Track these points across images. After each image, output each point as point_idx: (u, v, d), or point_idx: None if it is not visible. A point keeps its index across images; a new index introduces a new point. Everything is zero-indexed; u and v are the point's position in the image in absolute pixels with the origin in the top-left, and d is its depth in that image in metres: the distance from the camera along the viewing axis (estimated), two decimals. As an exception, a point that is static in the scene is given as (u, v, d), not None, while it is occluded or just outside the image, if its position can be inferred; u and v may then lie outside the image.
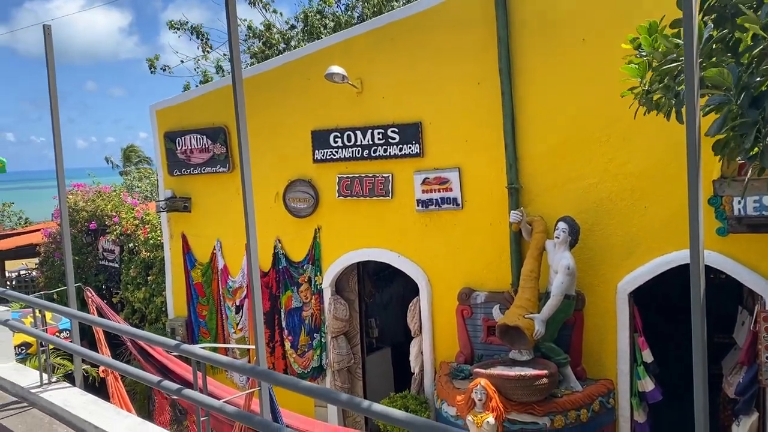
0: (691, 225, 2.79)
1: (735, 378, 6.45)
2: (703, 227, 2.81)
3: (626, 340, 6.82)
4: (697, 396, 2.73)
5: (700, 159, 2.68)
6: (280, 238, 9.04)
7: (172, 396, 4.47)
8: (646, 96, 3.40)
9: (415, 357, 8.18)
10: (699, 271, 2.78)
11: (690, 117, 2.57)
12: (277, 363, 9.12)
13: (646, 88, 3.36)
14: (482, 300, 7.50)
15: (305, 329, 8.81)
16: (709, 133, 3.09)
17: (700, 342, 2.72)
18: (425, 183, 7.83)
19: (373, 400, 3.59)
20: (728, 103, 2.98)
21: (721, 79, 2.85)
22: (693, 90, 2.51)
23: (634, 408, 6.80)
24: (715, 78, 2.87)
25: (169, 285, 10.39)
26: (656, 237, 6.63)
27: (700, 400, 2.71)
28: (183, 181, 9.95)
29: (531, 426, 6.17)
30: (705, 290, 2.81)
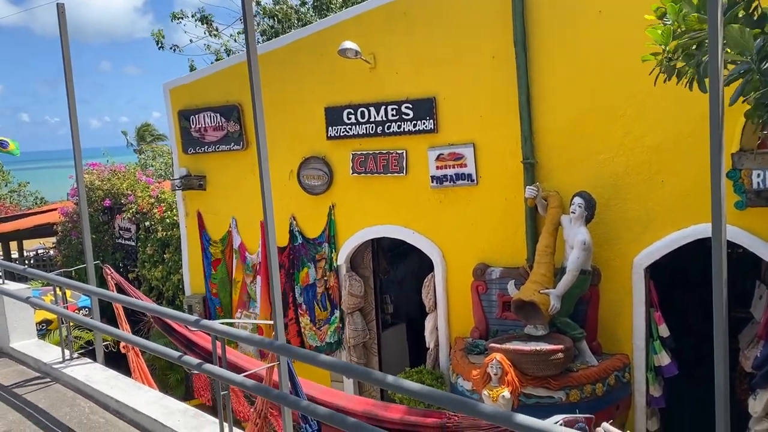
0: (713, 196, 2.76)
1: (752, 352, 6.43)
2: (725, 198, 2.78)
3: (642, 314, 6.80)
4: (717, 372, 2.72)
5: (722, 127, 2.64)
6: (295, 216, 9.07)
7: (193, 371, 4.54)
8: (668, 63, 3.35)
9: (430, 332, 8.22)
10: (721, 245, 2.76)
11: (713, 84, 2.54)
12: (293, 341, 9.19)
13: (668, 57, 3.31)
14: (497, 275, 7.50)
15: (321, 305, 8.86)
16: (732, 99, 3.05)
17: (722, 317, 2.71)
18: (439, 159, 7.80)
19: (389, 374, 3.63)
20: (751, 71, 2.93)
21: (743, 41, 2.81)
22: (717, 56, 2.47)
23: (650, 382, 6.82)
24: (736, 39, 2.82)
25: (186, 263, 10.48)
26: (673, 211, 6.58)
27: (720, 376, 2.70)
28: (197, 160, 9.98)
29: (546, 400, 6.21)
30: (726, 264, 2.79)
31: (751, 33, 2.87)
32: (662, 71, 3.45)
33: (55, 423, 5.28)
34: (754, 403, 6.31)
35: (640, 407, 6.89)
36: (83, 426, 5.21)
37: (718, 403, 2.74)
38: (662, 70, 3.43)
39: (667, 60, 3.33)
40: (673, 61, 3.34)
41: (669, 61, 3.33)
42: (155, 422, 5.01)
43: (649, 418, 6.92)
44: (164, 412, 5.14)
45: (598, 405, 6.18)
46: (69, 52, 6.17)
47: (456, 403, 3.10)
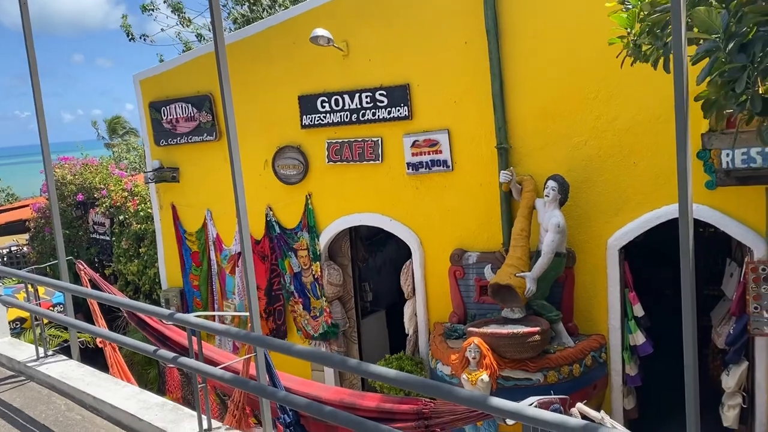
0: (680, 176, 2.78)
1: (724, 329, 6.56)
2: (691, 178, 2.81)
3: (617, 295, 6.89)
4: (686, 349, 2.76)
5: (687, 107, 2.66)
6: (272, 206, 9.01)
7: (169, 365, 4.50)
8: (634, 46, 3.36)
9: (409, 319, 8.25)
10: (688, 224, 2.79)
11: (677, 63, 2.55)
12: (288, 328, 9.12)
13: (634, 39, 3.33)
14: (474, 260, 7.54)
15: (313, 294, 8.81)
16: (699, 79, 3.07)
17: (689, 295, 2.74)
18: (415, 146, 7.79)
19: (369, 362, 3.63)
20: (717, 50, 2.95)
21: (709, 20, 2.82)
22: (680, 36, 2.48)
23: (626, 361, 6.92)
24: (703, 19, 2.84)
25: (162, 256, 10.38)
26: (646, 192, 6.66)
27: (689, 353, 2.74)
28: (170, 151, 9.86)
29: (524, 382, 6.28)
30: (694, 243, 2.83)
31: (718, 12, 2.88)
32: (629, 54, 3.47)
33: (31, 422, 5.21)
34: (727, 379, 6.44)
35: (617, 386, 6.99)
36: (59, 424, 5.15)
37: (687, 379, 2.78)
38: (629, 53, 3.44)
39: (633, 42, 3.34)
40: (639, 43, 3.35)
41: (635, 43, 3.34)
42: (133, 417, 4.96)
43: (626, 397, 7.04)
44: (142, 407, 5.10)
45: (576, 385, 6.27)
46: (33, 44, 6.03)
47: (431, 388, 3.11)
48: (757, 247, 6.20)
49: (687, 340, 2.71)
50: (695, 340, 2.77)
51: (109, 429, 5.03)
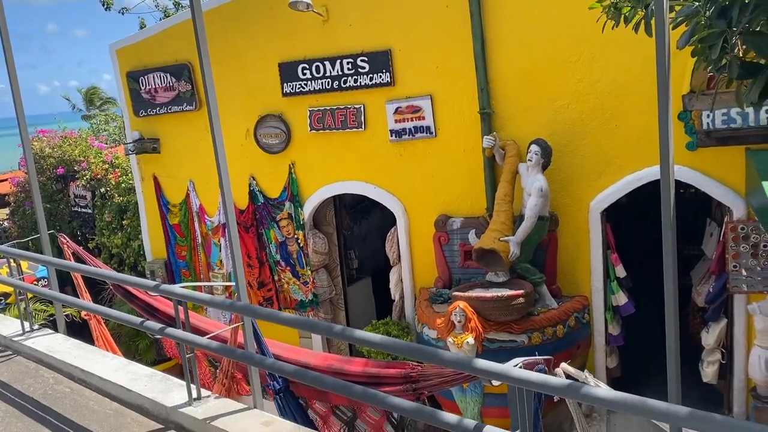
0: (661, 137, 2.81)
1: (704, 287, 6.69)
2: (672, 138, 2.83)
3: (599, 257, 6.99)
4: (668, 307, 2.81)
5: (669, 69, 2.67)
6: (255, 176, 8.95)
7: (156, 335, 4.52)
8: (615, 9, 3.34)
9: (395, 285, 8.32)
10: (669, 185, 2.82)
11: (659, 27, 2.55)
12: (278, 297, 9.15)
13: (614, 2, 3.31)
14: (458, 226, 7.58)
15: (299, 263, 8.82)
16: (679, 44, 3.07)
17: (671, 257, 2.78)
18: (398, 112, 7.74)
19: (355, 328, 3.67)
20: (697, 14, 2.95)
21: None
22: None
23: (609, 322, 7.05)
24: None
25: (145, 228, 10.31)
26: (628, 154, 6.70)
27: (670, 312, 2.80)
28: (150, 122, 9.72)
29: (509, 344, 6.38)
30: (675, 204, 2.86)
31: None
32: (609, 17, 3.45)
33: (19, 395, 5.22)
34: (707, 336, 6.60)
35: (600, 346, 7.14)
36: (48, 397, 5.17)
37: (668, 337, 2.84)
38: (609, 16, 3.42)
39: (614, 6, 3.32)
40: (619, 6, 3.33)
41: (615, 6, 3.32)
42: (122, 388, 5.00)
43: (609, 356, 7.19)
44: (131, 378, 5.13)
45: (560, 346, 6.38)
46: (3, 14, 5.87)
47: (417, 352, 3.16)
48: (736, 207, 6.29)
49: (668, 299, 2.76)
50: (677, 300, 2.83)
51: (99, 401, 5.06)
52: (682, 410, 2.44)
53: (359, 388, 3.28)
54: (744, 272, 6.21)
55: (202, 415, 4.37)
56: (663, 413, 2.49)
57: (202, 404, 4.52)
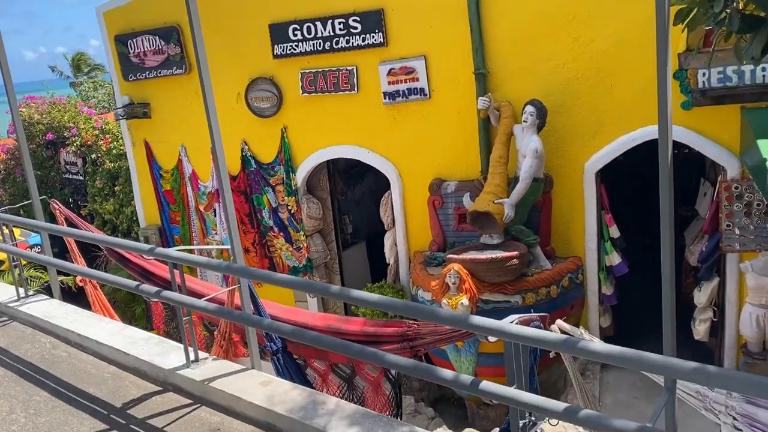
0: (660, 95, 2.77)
1: (697, 247, 6.74)
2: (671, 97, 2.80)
3: (593, 218, 7.01)
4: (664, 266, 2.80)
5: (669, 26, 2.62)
6: (247, 140, 8.87)
7: (153, 299, 4.52)
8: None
9: (390, 249, 8.34)
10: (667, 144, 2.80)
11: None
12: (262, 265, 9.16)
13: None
14: (453, 189, 7.57)
15: (293, 227, 8.81)
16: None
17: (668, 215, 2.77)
18: (391, 74, 7.65)
19: (350, 288, 3.67)
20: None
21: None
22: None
23: (602, 282, 7.11)
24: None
25: (138, 194, 10.25)
26: (622, 115, 6.66)
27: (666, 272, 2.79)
28: (139, 86, 9.58)
29: (503, 304, 6.43)
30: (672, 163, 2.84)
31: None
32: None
33: (17, 360, 5.23)
34: (699, 295, 6.67)
35: (593, 306, 7.21)
36: (46, 361, 5.18)
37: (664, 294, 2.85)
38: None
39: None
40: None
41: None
42: (119, 352, 5.01)
43: (602, 316, 7.26)
44: (128, 342, 5.14)
45: (553, 306, 6.43)
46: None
47: (414, 310, 3.17)
48: (730, 166, 6.29)
49: (665, 258, 2.76)
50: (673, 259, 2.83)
51: (96, 364, 5.08)
52: (678, 362, 2.47)
53: (357, 346, 3.30)
54: (737, 231, 6.24)
55: (200, 377, 4.40)
56: (659, 366, 2.52)
57: (199, 366, 4.54)
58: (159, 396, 4.49)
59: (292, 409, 3.90)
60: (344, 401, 4.03)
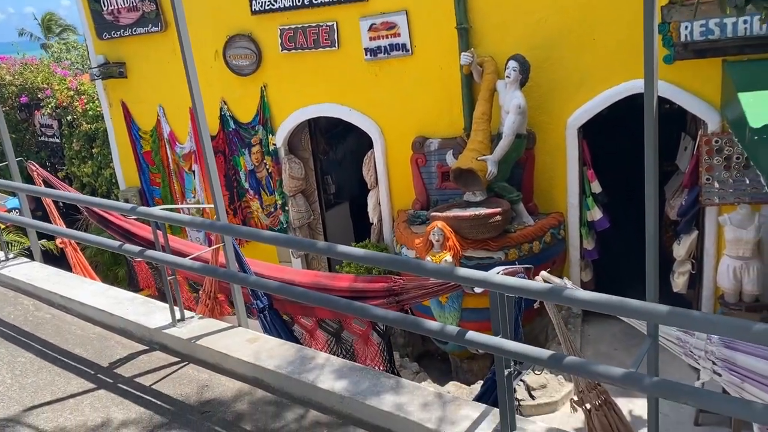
0: (646, 49, 2.76)
1: (677, 201, 6.82)
2: (657, 49, 2.79)
3: (576, 173, 7.04)
4: (648, 217, 2.82)
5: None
6: (226, 99, 8.72)
7: (136, 258, 4.49)
8: None
9: (373, 208, 8.33)
10: (653, 97, 2.79)
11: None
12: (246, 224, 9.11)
13: None
14: (436, 147, 7.54)
15: (267, 190, 8.77)
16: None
17: (652, 170, 2.77)
18: (372, 29, 7.52)
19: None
20: None
21: None
22: None
23: (584, 237, 7.19)
24: None
25: (116, 156, 10.09)
26: (605, 69, 6.64)
27: (650, 228, 2.81)
28: (114, 45, 9.33)
29: (486, 260, 6.48)
30: (658, 117, 2.84)
31: None
32: None
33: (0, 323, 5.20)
34: (678, 248, 6.78)
35: (575, 260, 7.30)
36: (29, 323, 5.14)
37: (648, 244, 2.88)
38: None
39: None
40: None
41: None
42: (103, 312, 4.98)
43: (583, 270, 7.37)
44: (112, 302, 5.11)
45: (536, 261, 6.49)
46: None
47: (400, 263, 3.19)
48: (711, 120, 6.33)
49: (649, 202, 2.78)
50: (657, 203, 2.85)
51: (81, 325, 5.06)
52: (660, 307, 2.51)
53: (344, 301, 3.32)
54: (716, 184, 6.32)
55: (187, 335, 4.40)
56: (642, 311, 2.56)
57: (186, 325, 4.54)
58: (146, 355, 4.50)
59: (279, 364, 3.93)
60: (331, 356, 4.07)
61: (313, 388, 3.68)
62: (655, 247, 2.79)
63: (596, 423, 3.42)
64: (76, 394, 4.07)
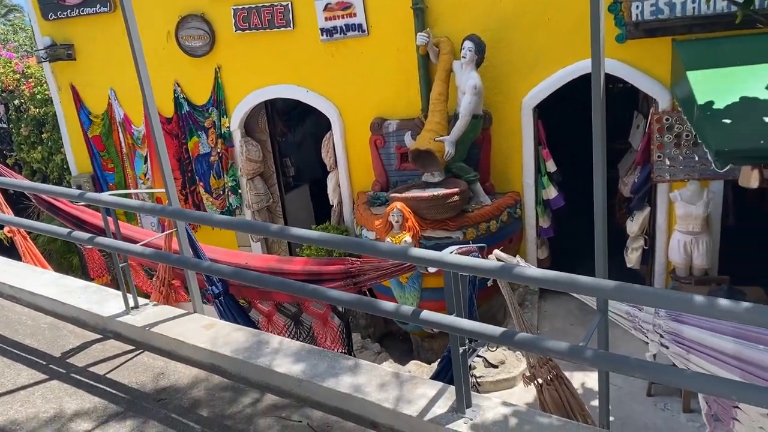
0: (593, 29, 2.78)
1: (630, 178, 6.96)
2: (604, 29, 2.81)
3: (531, 153, 7.12)
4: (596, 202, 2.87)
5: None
6: (179, 81, 8.53)
7: (86, 245, 4.38)
8: None
9: (333, 190, 8.30)
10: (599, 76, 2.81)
11: None
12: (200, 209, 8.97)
13: None
14: (394, 128, 7.53)
15: (215, 173, 8.64)
16: None
17: (600, 145, 2.81)
18: (327, 9, 7.43)
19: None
20: None
21: None
22: None
23: (539, 215, 7.29)
24: None
25: (67, 141, 9.80)
26: (559, 49, 6.70)
27: (599, 206, 2.85)
28: (61, 26, 9.01)
29: (445, 240, 6.52)
30: (605, 93, 2.87)
31: None
32: None
33: (-55, 315, 5.02)
34: (631, 224, 6.93)
35: (531, 239, 7.41)
36: (-23, 315, 4.99)
37: (596, 221, 2.93)
38: None
39: None
40: None
41: None
42: (55, 302, 4.86)
43: (539, 248, 7.49)
44: (64, 291, 4.99)
45: (493, 240, 6.57)
46: None
47: (354, 245, 3.17)
48: (662, 99, 6.46)
49: (597, 191, 2.82)
50: (605, 181, 2.89)
51: (32, 316, 4.93)
52: (608, 283, 2.57)
53: (298, 283, 3.30)
54: (667, 162, 6.47)
55: (141, 323, 4.33)
56: (590, 287, 2.61)
57: (140, 312, 4.47)
58: (99, 344, 4.41)
59: (236, 349, 3.90)
60: (289, 339, 4.06)
61: (270, 373, 3.67)
62: (604, 225, 2.84)
63: (547, 397, 3.50)
64: (27, 385, 3.97)
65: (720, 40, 5.97)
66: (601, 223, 2.89)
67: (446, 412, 3.14)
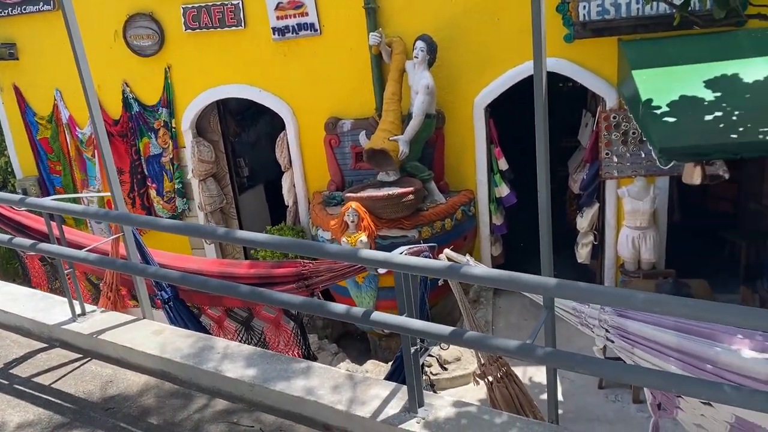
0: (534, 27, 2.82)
1: (579, 175, 7.10)
2: (545, 28, 2.86)
3: (483, 151, 7.21)
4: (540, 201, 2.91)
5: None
6: (128, 81, 8.33)
7: (29, 252, 4.24)
8: None
9: (288, 190, 8.23)
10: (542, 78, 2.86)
11: None
12: (143, 213, 8.78)
13: None
14: (348, 128, 7.51)
15: (168, 175, 8.48)
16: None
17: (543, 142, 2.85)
18: (279, 8, 7.37)
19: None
20: None
21: None
22: None
23: (493, 213, 7.38)
24: None
25: (11, 143, 9.47)
26: (509, 49, 6.79)
27: (543, 205, 2.90)
28: (2, 25, 8.70)
29: (401, 239, 6.54)
30: (550, 97, 2.92)
31: None
32: None
33: None
34: (581, 220, 7.08)
35: (485, 236, 7.50)
36: None
37: (541, 221, 2.98)
38: None
39: None
40: None
41: None
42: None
43: (493, 245, 7.58)
44: (7, 299, 4.84)
45: (448, 238, 6.63)
46: None
47: (301, 247, 3.16)
48: (609, 97, 6.61)
49: (541, 181, 2.87)
50: (548, 182, 2.94)
51: (-26, 326, 4.76)
52: (551, 281, 2.62)
53: (246, 287, 3.26)
54: (615, 159, 6.62)
55: (89, 330, 4.23)
56: (533, 285, 2.66)
57: (87, 319, 4.36)
58: (44, 353, 4.29)
59: (186, 355, 3.85)
60: (240, 344, 4.02)
61: (221, 378, 3.62)
62: (548, 223, 2.89)
63: (498, 395, 3.54)
64: (-34, 399, 3.84)
65: (663, 41, 6.14)
66: (546, 221, 2.94)
67: (399, 412, 3.16)
